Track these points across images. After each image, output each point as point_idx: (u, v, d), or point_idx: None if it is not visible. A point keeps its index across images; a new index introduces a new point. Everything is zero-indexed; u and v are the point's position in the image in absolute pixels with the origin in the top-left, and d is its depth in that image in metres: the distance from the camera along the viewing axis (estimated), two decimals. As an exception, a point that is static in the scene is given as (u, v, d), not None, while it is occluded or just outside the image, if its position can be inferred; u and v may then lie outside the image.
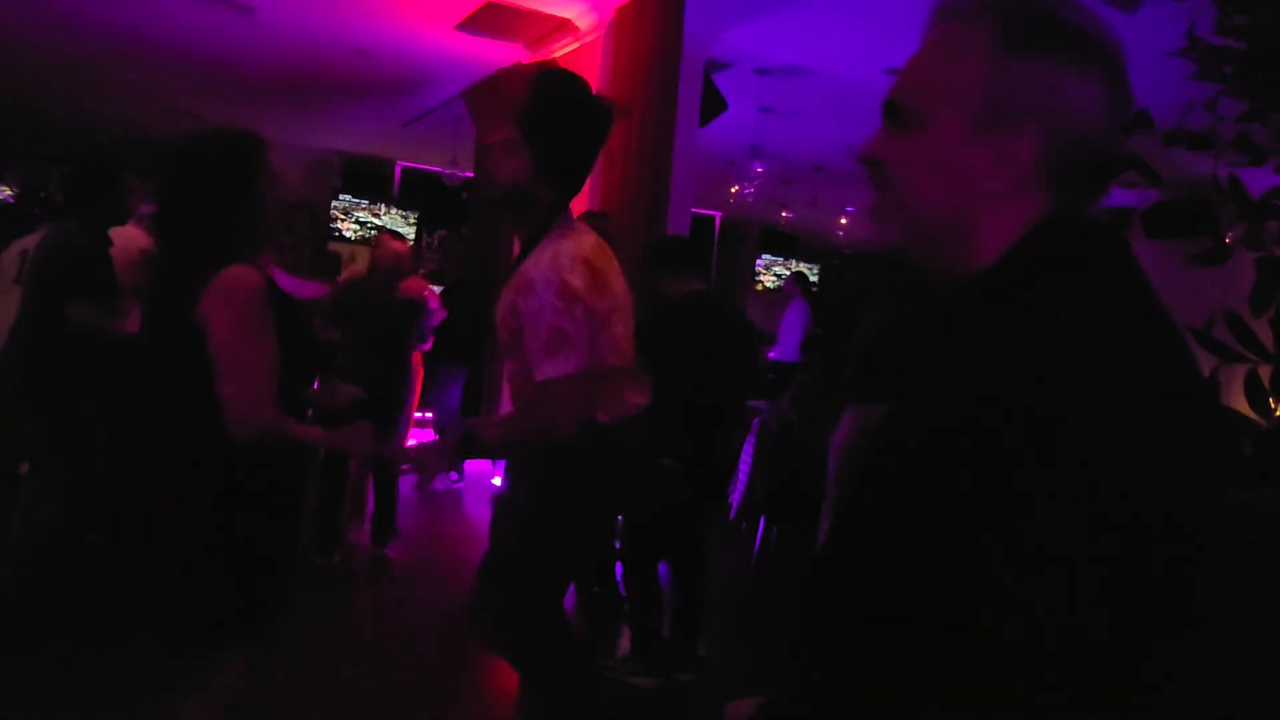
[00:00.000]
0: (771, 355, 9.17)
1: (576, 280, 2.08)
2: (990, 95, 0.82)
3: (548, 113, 2.14)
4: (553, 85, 2.19)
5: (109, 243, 3.53)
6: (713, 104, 5.38)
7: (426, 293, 5.04)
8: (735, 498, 4.92)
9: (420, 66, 6.90)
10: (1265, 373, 2.09)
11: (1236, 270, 2.29)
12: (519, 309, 2.08)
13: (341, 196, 10.46)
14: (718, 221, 12.56)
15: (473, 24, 5.72)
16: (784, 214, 11.09)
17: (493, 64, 6.30)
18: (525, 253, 2.19)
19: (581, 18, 5.35)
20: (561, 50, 5.68)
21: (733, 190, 8.84)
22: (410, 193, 10.95)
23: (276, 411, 1.87)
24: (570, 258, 2.10)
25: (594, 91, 2.23)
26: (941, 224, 0.87)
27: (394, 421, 4.65)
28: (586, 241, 2.21)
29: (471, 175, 8.11)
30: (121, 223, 3.73)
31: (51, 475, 3.29)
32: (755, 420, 4.86)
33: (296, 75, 7.48)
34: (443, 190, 9.31)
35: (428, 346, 5.27)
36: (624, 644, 3.54)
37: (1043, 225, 0.84)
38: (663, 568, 3.55)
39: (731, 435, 3.65)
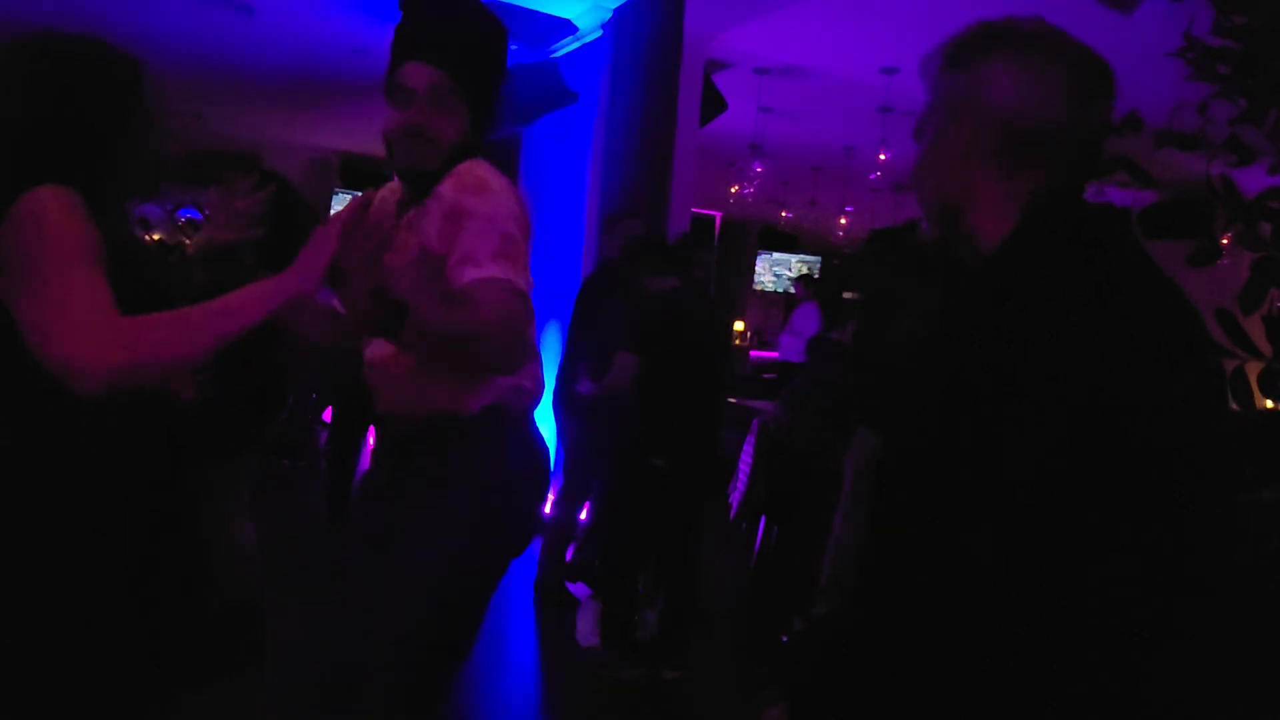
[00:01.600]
0: (778, 356, 9.16)
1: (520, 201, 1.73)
2: (938, 104, 1.06)
3: (477, 45, 1.72)
4: (467, 7, 1.74)
5: None
6: (713, 104, 5.38)
7: None
8: (735, 498, 4.92)
9: (420, 66, 6.89)
10: (1253, 370, 2.10)
11: (1236, 271, 2.29)
12: (464, 210, 1.61)
13: (341, 196, 10.47)
14: (718, 221, 12.56)
15: (473, 24, 5.72)
16: (784, 214, 11.10)
17: (492, 64, 6.29)
18: (422, 193, 1.71)
19: (581, 17, 5.36)
20: (561, 50, 5.69)
21: (733, 190, 8.85)
22: (410, 192, 10.96)
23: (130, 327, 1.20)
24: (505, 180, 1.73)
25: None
26: (937, 200, 1.07)
27: None
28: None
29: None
30: None
31: None
32: (755, 420, 4.86)
33: (296, 75, 7.48)
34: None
35: None
36: (593, 637, 3.52)
37: (1033, 208, 0.99)
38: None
39: (717, 434, 3.57)
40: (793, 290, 11.72)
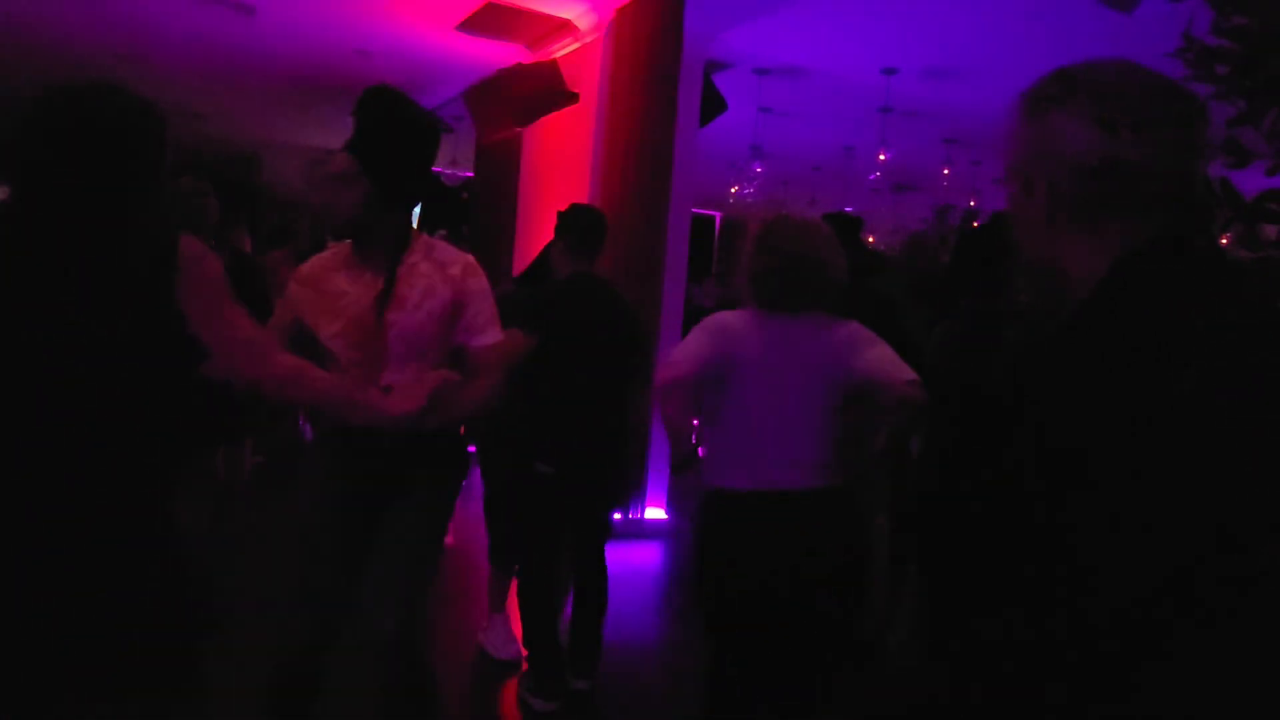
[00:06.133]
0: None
1: None
2: (1019, 158, 1.01)
3: (381, 141, 2.17)
4: (382, 110, 2.22)
5: None
6: (713, 104, 5.39)
7: None
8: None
9: (420, 66, 6.92)
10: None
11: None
12: (469, 289, 2.16)
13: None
14: (718, 221, 12.58)
15: (473, 24, 5.73)
16: (784, 214, 11.11)
17: (493, 64, 6.31)
18: (391, 273, 2.13)
19: (581, 18, 5.37)
20: (561, 50, 5.69)
21: (733, 190, 8.86)
22: (410, 192, 10.95)
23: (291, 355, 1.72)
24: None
25: (416, 107, 2.28)
26: (1036, 260, 1.03)
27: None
28: None
29: (472, 175, 8.13)
30: None
31: None
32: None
33: (296, 75, 7.50)
34: (443, 190, 9.33)
35: None
36: (506, 650, 3.34)
37: (1121, 258, 0.93)
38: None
39: (620, 436, 3.17)
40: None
